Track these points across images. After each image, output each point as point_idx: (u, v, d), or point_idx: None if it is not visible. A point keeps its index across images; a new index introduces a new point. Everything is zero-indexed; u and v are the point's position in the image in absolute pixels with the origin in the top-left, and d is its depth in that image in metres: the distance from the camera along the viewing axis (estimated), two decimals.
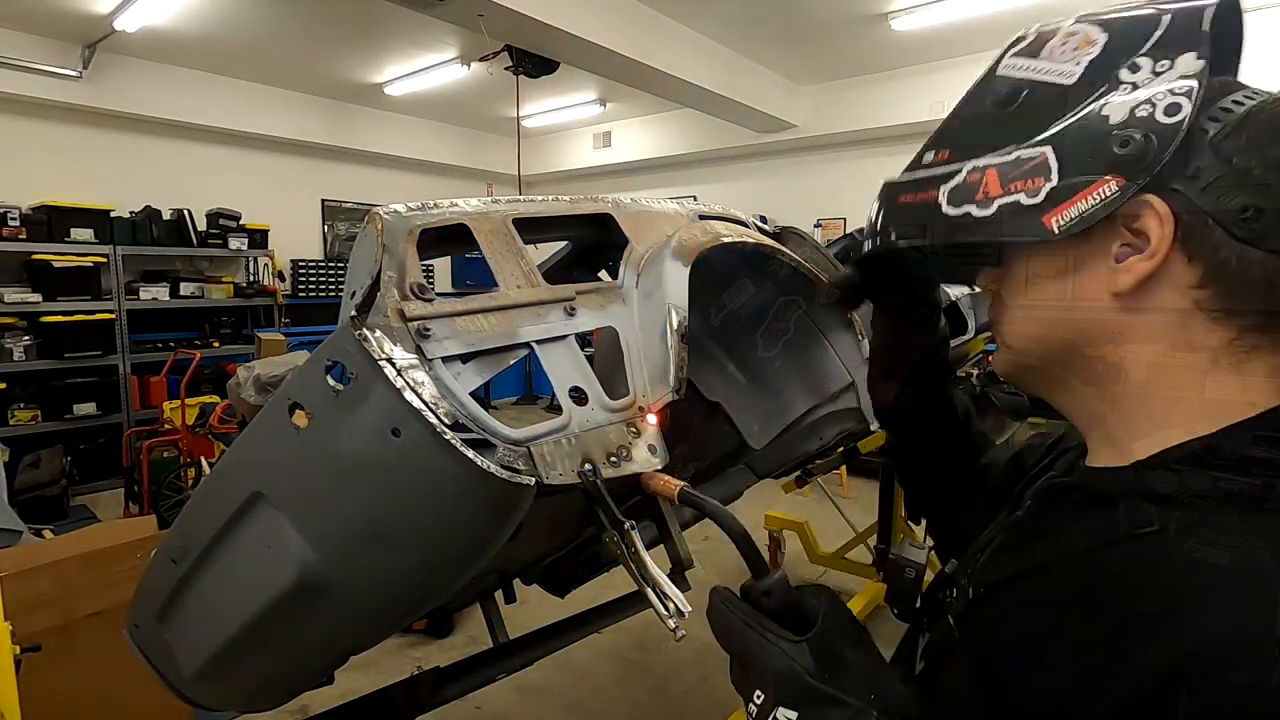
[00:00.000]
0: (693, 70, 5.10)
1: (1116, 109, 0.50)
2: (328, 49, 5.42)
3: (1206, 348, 0.50)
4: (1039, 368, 0.60)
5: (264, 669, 1.12)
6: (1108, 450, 0.57)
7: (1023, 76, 0.56)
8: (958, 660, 0.60)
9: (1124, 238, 0.51)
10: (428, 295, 0.91)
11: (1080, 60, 0.53)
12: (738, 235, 1.29)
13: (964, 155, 0.56)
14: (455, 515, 0.86)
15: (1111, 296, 0.52)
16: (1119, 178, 0.49)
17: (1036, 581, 0.56)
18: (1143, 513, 0.50)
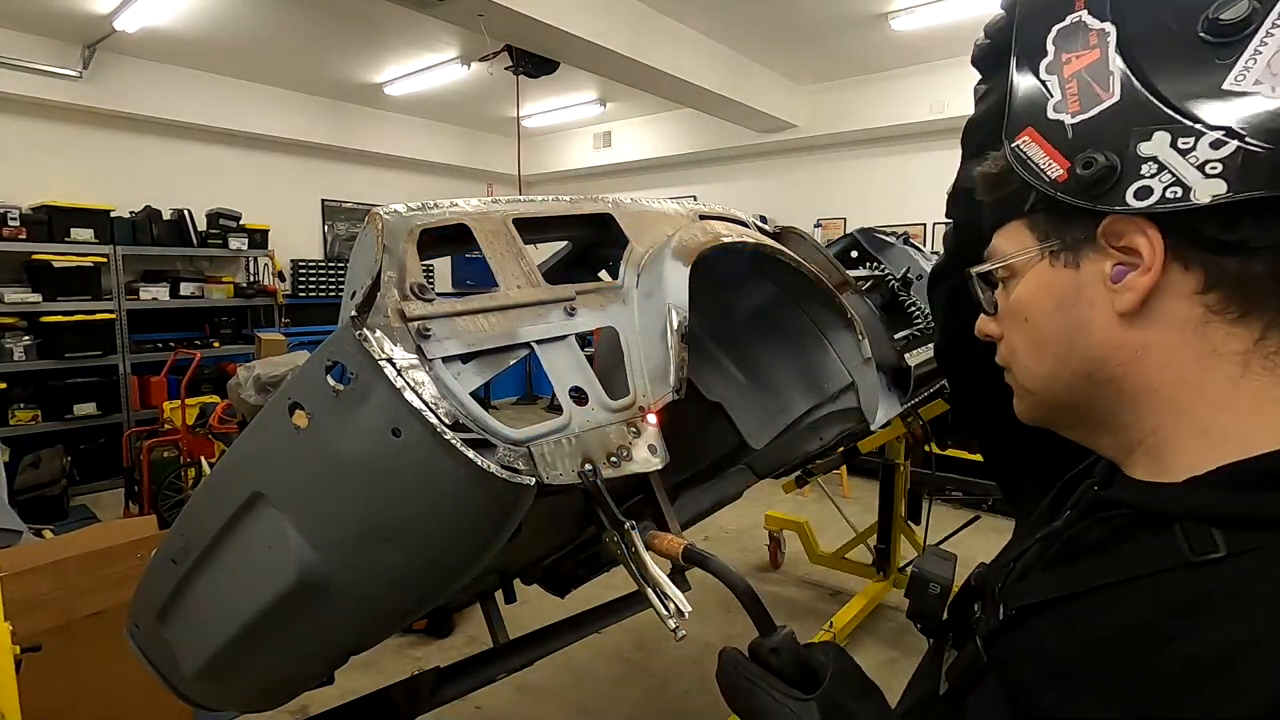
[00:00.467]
0: (693, 70, 5.10)
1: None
2: (328, 49, 5.42)
3: (1233, 352, 0.49)
4: (1061, 405, 0.58)
5: (264, 669, 1.12)
6: (1150, 466, 0.53)
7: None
8: (986, 688, 0.56)
9: (1115, 258, 0.51)
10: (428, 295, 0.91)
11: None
12: (738, 235, 1.29)
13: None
14: (455, 515, 0.86)
15: (1119, 318, 0.51)
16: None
17: (1078, 608, 0.52)
18: (1205, 538, 0.46)
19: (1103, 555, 0.53)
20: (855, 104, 6.09)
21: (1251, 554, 0.44)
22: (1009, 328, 0.59)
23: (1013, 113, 0.55)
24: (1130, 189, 0.48)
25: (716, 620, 3.40)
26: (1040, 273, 0.55)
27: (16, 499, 4.23)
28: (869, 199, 6.45)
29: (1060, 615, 0.53)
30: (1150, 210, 0.48)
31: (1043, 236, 0.55)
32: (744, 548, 4.31)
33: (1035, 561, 0.59)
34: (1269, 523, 0.45)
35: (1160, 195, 0.47)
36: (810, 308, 1.49)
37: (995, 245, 0.59)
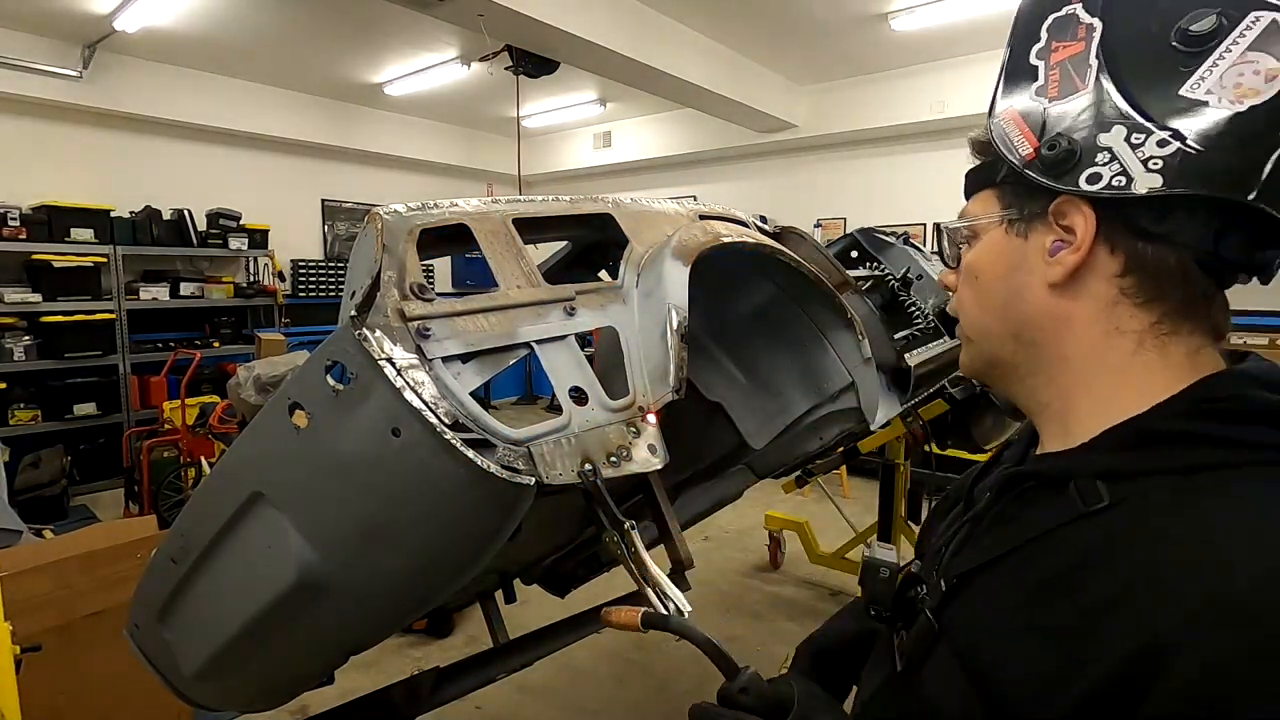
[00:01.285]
0: (693, 70, 5.10)
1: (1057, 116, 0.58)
2: (328, 49, 5.42)
3: (1132, 331, 0.56)
4: (993, 359, 0.65)
5: (264, 669, 1.12)
6: (1057, 437, 0.61)
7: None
8: (939, 655, 0.61)
9: (1056, 234, 0.57)
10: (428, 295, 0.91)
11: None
12: (738, 235, 1.29)
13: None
14: (455, 515, 0.86)
15: (1048, 288, 0.58)
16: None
17: (1004, 567, 0.58)
18: (1093, 491, 0.53)
19: (1018, 520, 0.60)
20: (855, 104, 6.09)
21: (1126, 501, 0.52)
22: (963, 283, 0.66)
23: (1000, 90, 0.61)
24: (1084, 174, 0.54)
25: (716, 620, 3.40)
26: (996, 238, 0.62)
27: (16, 499, 4.23)
28: (869, 199, 6.45)
29: (990, 577, 0.59)
30: (1095, 194, 0.54)
31: (1005, 206, 0.61)
32: (744, 548, 4.31)
33: (965, 540, 0.65)
34: (1138, 474, 0.53)
35: (1107, 182, 0.53)
36: (810, 308, 1.49)
37: (967, 208, 0.66)
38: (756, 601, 3.65)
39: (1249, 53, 0.51)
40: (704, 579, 3.71)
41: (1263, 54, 0.51)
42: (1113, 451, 0.55)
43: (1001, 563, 0.58)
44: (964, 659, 0.57)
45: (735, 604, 3.60)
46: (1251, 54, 0.51)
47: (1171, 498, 0.51)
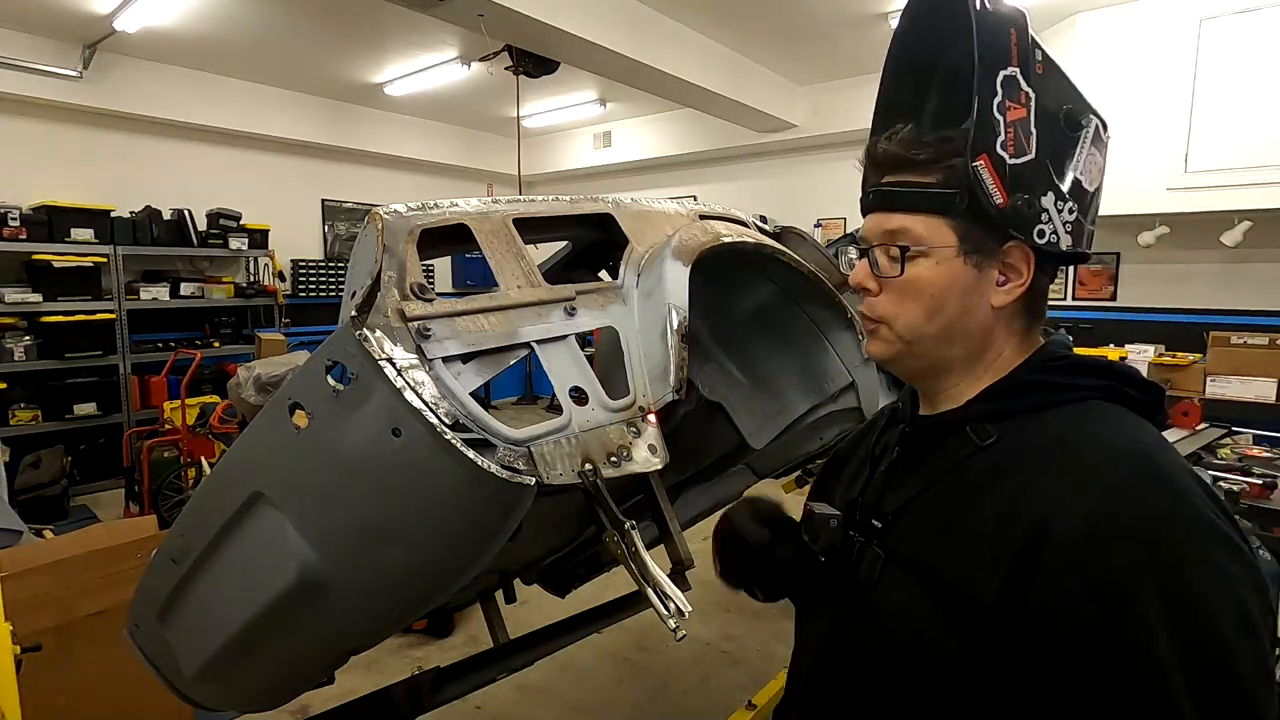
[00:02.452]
0: (693, 70, 5.09)
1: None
2: (328, 49, 5.41)
3: (1019, 330, 0.76)
4: (920, 354, 0.77)
5: (265, 669, 1.12)
6: (946, 403, 0.79)
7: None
8: (891, 572, 0.75)
9: (1000, 268, 0.73)
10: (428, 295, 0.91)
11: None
12: (738, 235, 1.29)
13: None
14: (456, 515, 0.86)
15: (992, 308, 0.74)
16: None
17: (927, 496, 0.75)
18: (985, 430, 0.73)
19: (933, 459, 0.77)
20: (855, 104, 6.08)
21: (1009, 433, 0.72)
22: (905, 294, 0.76)
23: (975, 135, 0.70)
24: (1035, 228, 0.71)
25: (716, 620, 3.40)
26: (953, 265, 0.73)
27: (17, 499, 4.23)
28: None
29: (920, 505, 0.76)
30: (1039, 247, 0.72)
31: (962, 237, 0.72)
32: None
33: (885, 485, 0.81)
34: (1014, 413, 0.73)
35: (1048, 239, 0.72)
36: (810, 307, 1.49)
37: (910, 228, 0.74)
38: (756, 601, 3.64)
39: (1091, 147, 0.71)
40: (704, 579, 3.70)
41: (1095, 150, 0.72)
42: (994, 400, 0.75)
43: (927, 492, 0.75)
44: (913, 569, 0.73)
45: (735, 604, 3.59)
46: (1092, 148, 0.71)
47: (1037, 425, 0.71)
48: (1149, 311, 4.89)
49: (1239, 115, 3.83)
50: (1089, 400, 0.72)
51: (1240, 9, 3.80)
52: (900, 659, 0.72)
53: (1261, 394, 4.14)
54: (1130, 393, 0.72)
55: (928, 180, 0.72)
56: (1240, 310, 4.58)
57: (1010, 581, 0.64)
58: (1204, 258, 4.64)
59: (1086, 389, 0.72)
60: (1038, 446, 0.69)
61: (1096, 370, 0.74)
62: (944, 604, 0.69)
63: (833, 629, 0.82)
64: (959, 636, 0.67)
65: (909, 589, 0.73)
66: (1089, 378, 0.73)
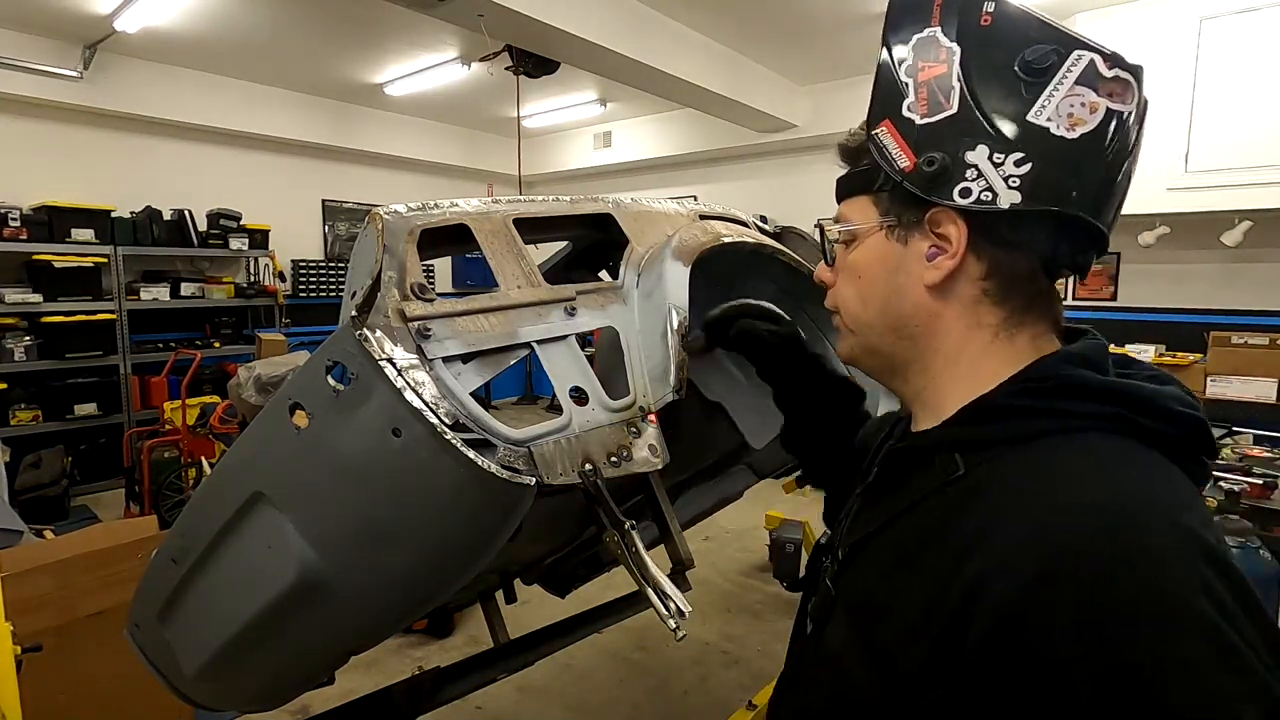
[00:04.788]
0: (693, 70, 5.09)
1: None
2: (328, 49, 5.41)
3: (989, 325, 0.64)
4: (872, 349, 0.72)
5: (265, 669, 1.12)
6: (928, 416, 0.69)
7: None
8: (836, 615, 0.69)
9: (931, 241, 0.64)
10: (428, 295, 0.91)
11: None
12: (738, 235, 1.29)
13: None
14: (456, 515, 0.86)
15: (926, 289, 0.65)
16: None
17: (885, 535, 0.67)
18: (951, 462, 0.62)
19: (898, 491, 0.67)
20: (855, 104, 6.00)
21: (980, 467, 0.60)
22: (844, 280, 0.73)
23: (875, 103, 0.66)
24: (956, 188, 0.61)
25: (716, 620, 3.40)
26: (877, 242, 0.68)
27: (17, 499, 4.23)
28: None
29: (876, 544, 0.68)
30: (965, 207, 0.61)
31: (884, 212, 0.67)
32: (744, 548, 4.30)
33: (859, 511, 0.74)
34: (985, 444, 0.61)
35: (976, 197, 0.61)
36: (810, 308, 1.49)
37: (844, 212, 0.73)
38: (756, 601, 3.65)
39: (1076, 86, 0.59)
40: (704, 579, 3.71)
41: (1086, 89, 0.59)
42: (964, 425, 0.64)
43: (886, 528, 0.67)
44: (855, 615, 0.66)
45: (735, 604, 3.59)
46: (1078, 88, 0.59)
47: (1003, 463, 0.59)
48: (1149, 311, 4.88)
49: (1239, 115, 3.83)
50: (1087, 431, 0.58)
51: (1240, 9, 3.79)
52: (837, 707, 0.66)
53: (1262, 394, 4.14)
54: (1145, 424, 0.57)
55: (862, 165, 0.70)
56: (1240, 310, 4.58)
57: (937, 649, 0.54)
58: (1204, 258, 4.64)
59: (1084, 417, 0.59)
60: (1000, 488, 0.58)
61: (1101, 394, 0.59)
62: (876, 661, 0.61)
63: (794, 657, 0.78)
64: (890, 700, 0.59)
65: (849, 635, 0.66)
66: (1090, 402, 0.59)
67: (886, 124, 0.65)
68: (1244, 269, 4.56)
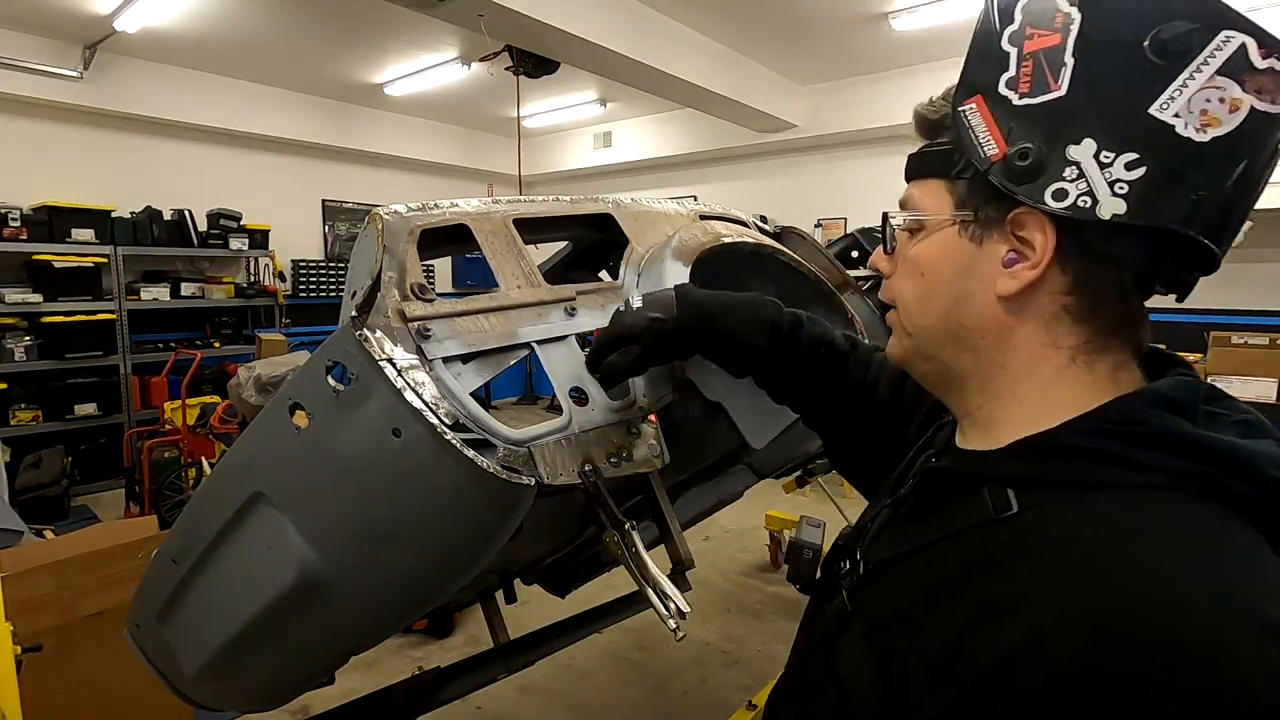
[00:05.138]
0: (693, 70, 5.09)
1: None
2: (328, 49, 5.41)
3: (1067, 347, 0.56)
4: (927, 355, 0.63)
5: (265, 669, 1.12)
6: (979, 436, 0.61)
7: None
8: (852, 632, 0.63)
9: (1011, 244, 0.55)
10: (428, 295, 0.91)
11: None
12: (738, 235, 1.29)
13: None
14: (456, 515, 0.86)
15: (997, 299, 0.56)
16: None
17: (916, 560, 0.60)
18: (1003, 498, 0.54)
19: (934, 515, 0.61)
20: (855, 104, 6.09)
21: (1034, 510, 0.52)
22: (904, 273, 0.64)
23: (968, 73, 0.56)
24: (1050, 187, 0.52)
25: (716, 620, 3.40)
26: (947, 237, 0.59)
27: (17, 499, 4.23)
28: (869, 199, 6.43)
29: (906, 567, 0.61)
30: (1057, 212, 0.52)
31: (959, 204, 0.58)
32: (744, 548, 4.30)
33: (888, 522, 0.67)
34: (1043, 484, 0.53)
35: (1072, 201, 0.51)
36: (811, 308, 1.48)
37: (912, 196, 0.63)
38: (756, 601, 3.65)
39: (1217, 77, 0.48)
40: (704, 579, 3.71)
41: (1230, 80, 0.48)
42: (1024, 460, 0.55)
43: (918, 553, 0.60)
44: (871, 642, 0.59)
45: (735, 604, 3.59)
46: (1220, 79, 0.48)
47: (1063, 512, 0.51)
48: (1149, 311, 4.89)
49: None
50: (1165, 490, 0.49)
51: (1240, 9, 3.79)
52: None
53: (1262, 394, 4.14)
54: (1234, 487, 0.48)
55: (942, 140, 0.60)
56: (1241, 310, 4.58)
57: (959, 708, 0.48)
58: None
59: (1165, 473, 0.49)
60: (1054, 544, 0.49)
61: (1190, 449, 0.49)
62: (889, 694, 0.55)
63: (799, 662, 0.73)
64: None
65: (863, 658, 0.59)
66: (1176, 457, 0.49)
67: (978, 100, 0.55)
68: (1244, 269, 4.56)
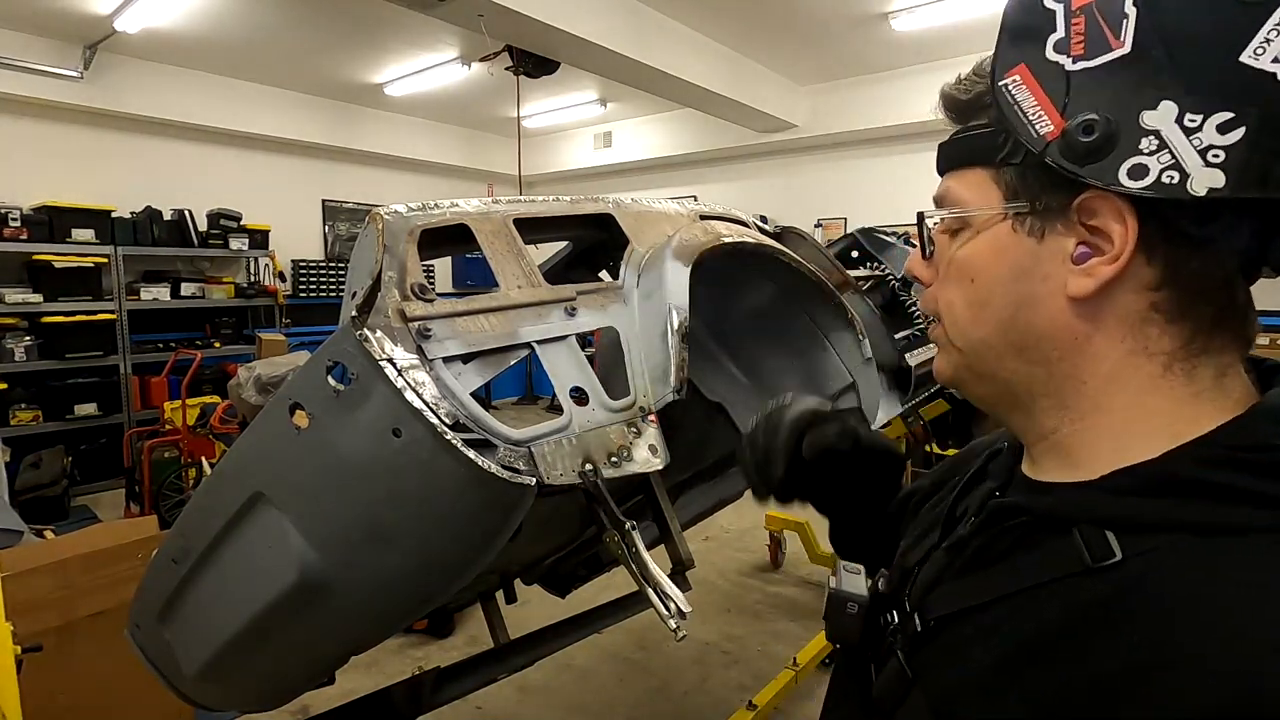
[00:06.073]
0: (693, 70, 5.09)
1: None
2: (328, 49, 5.42)
3: (1161, 353, 0.46)
4: (986, 373, 0.53)
5: (265, 669, 1.12)
6: (1059, 466, 0.51)
7: None
8: (913, 701, 0.53)
9: (1081, 236, 0.46)
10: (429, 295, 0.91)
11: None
12: (738, 235, 1.29)
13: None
14: (456, 515, 0.86)
15: (1069, 301, 0.47)
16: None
17: (990, 617, 0.49)
18: (1101, 543, 0.44)
19: (1009, 561, 0.50)
20: (855, 104, 6.09)
21: (1143, 557, 0.43)
22: (949, 281, 0.54)
23: (1006, 40, 0.47)
24: (1125, 165, 0.42)
25: (716, 620, 3.40)
26: (1000, 234, 0.49)
27: (17, 499, 4.23)
28: (869, 199, 6.44)
29: (975, 625, 0.50)
30: (1137, 193, 0.42)
31: (1011, 195, 0.49)
32: (744, 548, 4.30)
33: (944, 569, 0.56)
34: (1157, 526, 0.43)
35: (1155, 178, 0.41)
36: (811, 308, 1.49)
37: (951, 189, 0.53)
38: (756, 601, 3.65)
39: None
40: (704, 579, 3.71)
41: None
42: (1129, 496, 0.45)
43: (987, 610, 0.50)
44: (938, 714, 0.50)
45: (735, 604, 3.59)
46: None
47: (1194, 562, 0.41)
48: None
49: None
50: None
51: None
52: None
53: None
54: None
55: (980, 123, 0.51)
56: None
57: None
58: None
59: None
60: (1174, 607, 0.40)
61: None
62: None
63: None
64: None
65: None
66: None
67: (1021, 70, 0.46)
68: None
